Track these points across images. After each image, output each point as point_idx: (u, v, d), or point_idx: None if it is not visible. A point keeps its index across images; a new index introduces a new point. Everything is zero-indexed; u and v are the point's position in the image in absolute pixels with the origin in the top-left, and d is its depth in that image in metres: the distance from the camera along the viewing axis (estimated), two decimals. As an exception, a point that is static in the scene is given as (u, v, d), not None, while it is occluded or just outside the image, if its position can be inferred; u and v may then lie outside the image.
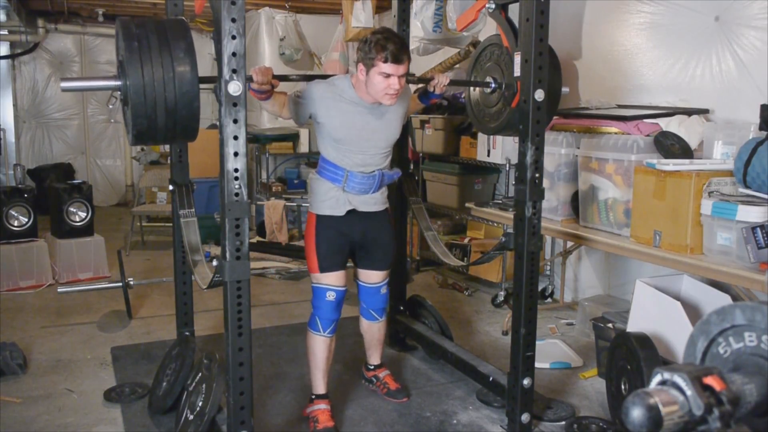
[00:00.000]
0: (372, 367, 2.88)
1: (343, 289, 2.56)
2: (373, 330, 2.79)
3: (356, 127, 2.43)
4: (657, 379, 0.66)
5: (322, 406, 2.56)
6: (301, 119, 2.45)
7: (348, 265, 2.65)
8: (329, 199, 2.51)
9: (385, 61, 2.26)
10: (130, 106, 1.89)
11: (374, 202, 2.56)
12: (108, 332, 3.63)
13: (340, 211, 2.51)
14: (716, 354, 0.76)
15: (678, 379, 0.64)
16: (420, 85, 2.72)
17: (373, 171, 2.50)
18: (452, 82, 2.65)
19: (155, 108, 1.88)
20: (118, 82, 1.94)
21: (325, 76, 2.54)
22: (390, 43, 2.27)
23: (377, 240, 2.63)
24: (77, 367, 3.13)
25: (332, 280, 2.51)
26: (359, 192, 2.51)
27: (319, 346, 2.55)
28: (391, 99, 2.34)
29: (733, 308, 0.74)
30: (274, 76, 2.20)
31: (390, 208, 2.73)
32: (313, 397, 2.60)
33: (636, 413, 0.62)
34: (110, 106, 2.12)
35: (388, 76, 2.28)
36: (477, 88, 2.75)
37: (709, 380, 0.64)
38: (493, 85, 2.58)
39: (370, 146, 2.47)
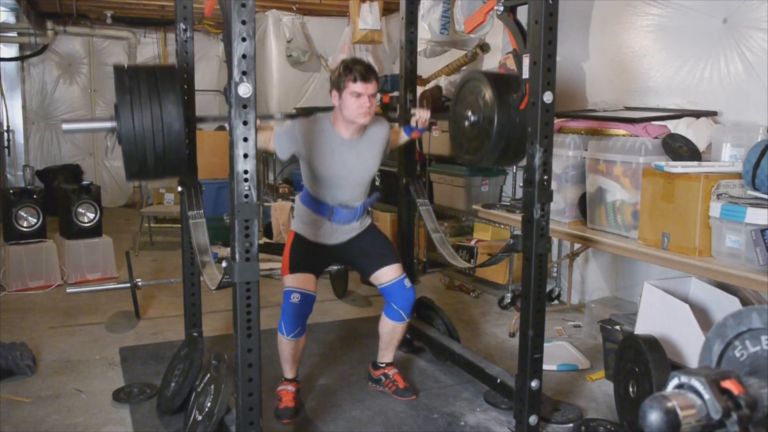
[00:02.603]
0: (382, 365, 2.88)
1: (310, 293, 2.58)
2: (396, 331, 2.80)
3: (336, 166, 2.58)
4: (674, 382, 0.66)
5: (288, 387, 2.68)
6: (285, 155, 2.61)
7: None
8: (316, 228, 2.68)
9: (354, 81, 2.45)
10: (123, 148, 2.10)
11: (357, 228, 2.74)
12: (116, 333, 3.64)
13: (327, 241, 2.69)
14: (732, 357, 0.76)
15: (696, 383, 0.64)
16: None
17: (355, 204, 2.69)
18: (434, 116, 2.83)
19: (145, 152, 2.10)
20: (114, 124, 2.12)
21: (307, 115, 2.68)
22: (357, 65, 2.48)
23: (367, 245, 2.75)
24: (86, 367, 3.14)
25: (298, 282, 2.57)
26: (344, 223, 2.69)
27: (285, 347, 2.63)
28: (365, 117, 2.50)
29: (750, 311, 0.74)
30: (258, 116, 2.28)
31: (373, 222, 2.86)
32: (283, 379, 2.71)
33: (654, 416, 0.63)
34: (108, 144, 2.26)
35: (359, 95, 2.46)
36: (458, 119, 2.81)
37: (727, 384, 0.64)
38: (472, 119, 2.66)
39: (350, 183, 2.64)
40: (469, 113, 2.65)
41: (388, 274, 2.71)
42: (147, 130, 2.07)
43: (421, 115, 2.80)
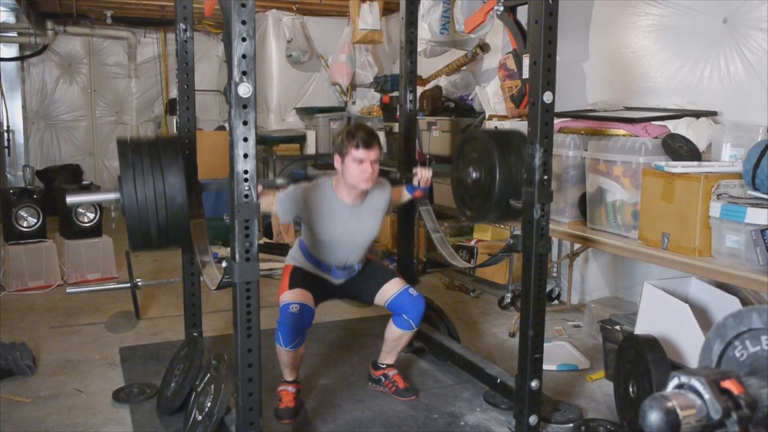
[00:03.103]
0: (383, 366, 2.88)
1: (309, 307, 2.56)
2: (402, 339, 2.81)
3: (337, 230, 2.61)
4: (674, 382, 0.66)
5: (288, 388, 2.68)
6: (287, 218, 2.64)
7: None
8: (313, 271, 2.71)
9: (357, 147, 2.47)
10: (127, 221, 2.14)
11: (357, 270, 2.78)
12: (116, 333, 3.64)
13: (325, 278, 2.74)
14: (732, 357, 0.76)
15: (696, 383, 0.64)
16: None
17: (353, 265, 2.74)
18: (435, 174, 2.86)
19: (148, 225, 2.14)
20: (118, 195, 2.17)
21: (309, 180, 2.73)
22: (360, 132, 2.49)
23: (364, 275, 2.78)
24: (86, 367, 3.14)
25: (297, 296, 2.57)
26: (343, 278, 2.76)
27: (282, 355, 2.62)
28: (367, 183, 2.52)
29: (750, 311, 0.74)
30: (260, 183, 2.30)
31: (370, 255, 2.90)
32: (283, 379, 2.71)
33: (654, 416, 0.63)
34: (113, 215, 2.33)
35: (361, 161, 2.48)
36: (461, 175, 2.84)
37: (727, 384, 0.64)
38: (474, 177, 2.69)
39: (349, 245, 2.66)
40: (471, 171, 2.70)
41: (390, 289, 2.73)
42: (150, 204, 2.11)
43: (423, 175, 2.80)
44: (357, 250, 2.71)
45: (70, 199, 2.26)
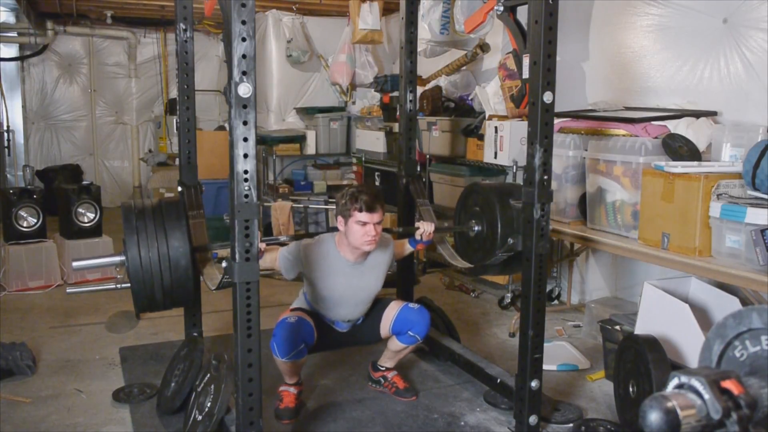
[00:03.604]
0: (382, 368, 2.88)
1: (309, 323, 2.56)
2: (406, 350, 2.81)
3: (340, 288, 2.59)
4: (674, 382, 0.66)
5: (290, 389, 2.67)
6: (290, 275, 2.61)
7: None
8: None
9: (360, 211, 2.46)
10: (131, 285, 2.19)
11: (361, 321, 2.75)
12: (116, 333, 3.64)
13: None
14: (732, 357, 0.76)
15: (696, 383, 0.64)
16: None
17: (357, 318, 2.72)
18: (437, 230, 2.84)
19: (153, 288, 2.18)
20: (123, 258, 2.21)
21: (312, 236, 2.68)
22: (363, 195, 2.48)
23: (366, 319, 2.76)
24: (86, 367, 3.14)
25: (298, 314, 2.58)
26: (346, 330, 2.74)
27: (281, 365, 2.60)
28: (370, 245, 2.50)
29: (750, 311, 0.74)
30: (262, 240, 2.32)
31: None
32: (285, 381, 2.71)
33: (654, 416, 0.63)
34: (117, 277, 2.38)
35: (364, 224, 2.46)
36: (463, 228, 2.88)
37: (727, 384, 0.64)
38: (476, 229, 2.71)
39: (352, 302, 2.65)
40: (473, 224, 2.71)
41: (390, 314, 2.71)
42: (154, 267, 2.14)
43: (425, 229, 2.77)
44: (360, 306, 2.69)
45: (77, 265, 2.28)
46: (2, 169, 7.04)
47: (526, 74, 2.32)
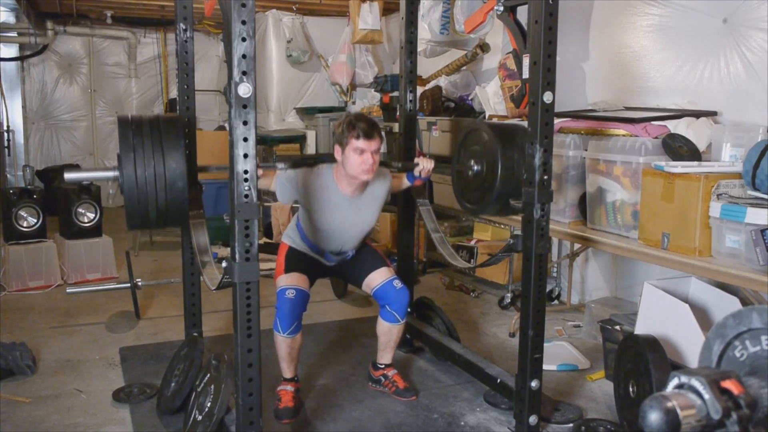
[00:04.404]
0: (381, 366, 2.89)
1: (305, 291, 2.61)
2: (392, 332, 2.81)
3: (335, 220, 2.61)
4: (674, 382, 0.66)
5: (288, 387, 2.68)
6: (286, 200, 2.64)
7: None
8: (308, 253, 2.73)
9: (358, 138, 2.45)
10: (125, 202, 2.10)
11: (351, 256, 2.80)
12: (116, 333, 3.64)
13: (318, 261, 2.76)
14: (732, 357, 0.76)
15: (696, 383, 0.64)
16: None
17: (347, 252, 2.76)
18: (437, 166, 2.84)
19: (147, 207, 2.11)
20: (116, 173, 2.13)
21: (311, 165, 2.67)
22: (360, 122, 2.47)
23: (356, 258, 2.79)
24: (86, 367, 3.14)
25: (294, 280, 2.61)
26: (336, 263, 2.79)
27: (281, 345, 2.63)
28: (368, 174, 2.50)
29: (750, 311, 0.74)
30: (260, 166, 2.27)
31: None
32: (282, 379, 2.71)
33: (654, 416, 0.63)
34: (110, 192, 2.31)
35: (362, 152, 2.46)
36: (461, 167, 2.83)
37: (727, 384, 0.64)
38: (475, 170, 2.67)
39: (346, 235, 2.68)
40: (473, 164, 2.68)
41: (377, 278, 2.74)
42: (150, 186, 2.08)
43: (424, 166, 2.80)
44: (353, 239, 2.72)
45: (68, 176, 2.22)
46: (2, 169, 7.04)
47: (526, 74, 2.32)
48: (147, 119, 2.17)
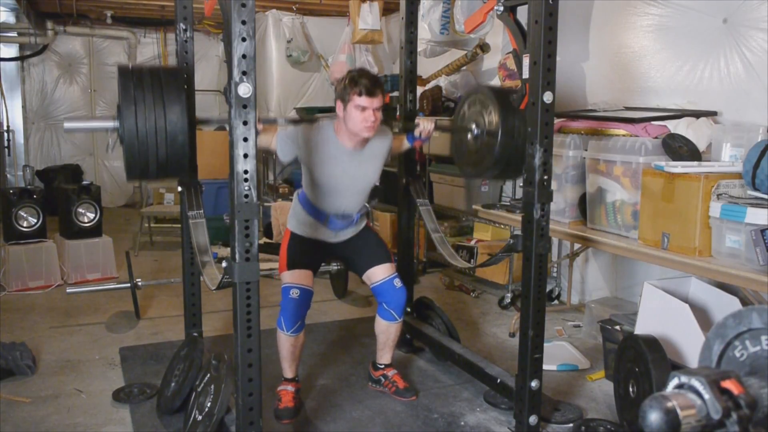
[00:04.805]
0: (381, 366, 2.89)
1: (308, 289, 2.61)
2: (390, 331, 2.80)
3: (337, 175, 2.58)
4: (674, 382, 0.66)
5: (288, 387, 2.68)
6: (286, 158, 2.60)
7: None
8: (311, 229, 2.69)
9: (360, 95, 2.43)
10: (125, 153, 2.08)
11: (353, 231, 2.76)
12: (116, 333, 3.64)
13: (322, 238, 2.71)
14: (732, 357, 0.76)
15: (696, 383, 0.64)
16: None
17: (351, 214, 2.71)
18: (438, 128, 2.83)
19: (147, 158, 2.08)
20: (116, 124, 2.11)
21: (311, 121, 2.71)
22: (363, 78, 2.44)
23: (361, 244, 2.77)
24: (86, 367, 3.14)
25: (297, 278, 2.60)
26: (340, 229, 2.72)
27: (284, 343, 2.64)
28: (369, 131, 2.49)
29: (750, 311, 0.74)
30: (260, 120, 2.28)
31: (369, 222, 2.92)
32: (283, 378, 2.72)
33: (654, 416, 0.63)
34: (109, 142, 2.27)
35: (364, 109, 2.44)
36: (461, 131, 2.82)
37: (727, 384, 0.64)
38: (475, 132, 2.66)
39: (348, 190, 2.64)
40: (473, 127, 2.66)
41: (378, 273, 2.73)
42: (150, 137, 2.05)
43: (425, 126, 2.79)
44: (356, 196, 2.68)
45: (68, 125, 2.22)
46: (2, 169, 7.04)
47: (526, 74, 2.32)
48: (148, 70, 2.15)
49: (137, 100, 2.04)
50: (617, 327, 2.96)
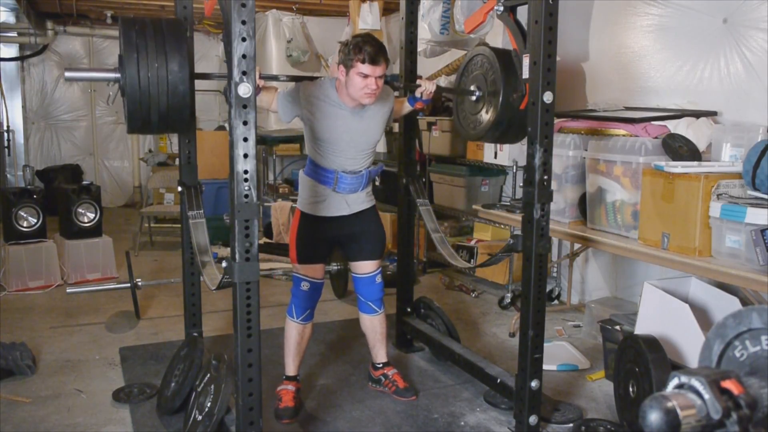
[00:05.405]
0: (380, 365, 2.89)
1: (319, 281, 2.68)
2: (374, 324, 2.82)
3: (339, 130, 2.56)
4: (674, 382, 0.66)
5: (289, 387, 2.69)
6: (288, 117, 2.58)
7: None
8: (321, 201, 2.65)
9: (363, 62, 2.40)
10: (127, 99, 2.07)
11: (362, 200, 2.71)
12: (116, 333, 3.64)
13: (333, 213, 2.66)
14: (732, 357, 0.76)
15: (696, 383, 0.64)
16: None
17: (360, 170, 2.64)
18: (438, 89, 2.79)
19: (149, 110, 2.07)
20: (118, 75, 2.10)
21: (311, 78, 2.67)
22: (368, 46, 2.41)
23: (366, 231, 2.75)
24: (86, 367, 3.14)
25: (308, 272, 2.65)
26: (349, 192, 2.65)
27: (292, 331, 2.67)
28: (369, 98, 2.47)
29: (750, 311, 0.74)
30: (261, 77, 2.27)
31: (376, 205, 2.86)
32: (284, 377, 2.73)
33: (653, 416, 0.63)
34: (110, 93, 2.25)
35: (366, 76, 2.42)
36: (463, 92, 2.83)
37: (727, 384, 0.64)
38: (477, 94, 2.66)
39: (352, 147, 2.60)
40: (474, 88, 2.65)
41: (365, 267, 2.76)
42: (152, 89, 2.04)
43: (426, 87, 2.74)
44: (360, 153, 2.62)
45: (69, 74, 2.21)
46: (2, 169, 7.04)
47: (526, 74, 2.32)
48: (150, 21, 2.14)
49: (139, 50, 2.04)
50: (617, 327, 2.96)
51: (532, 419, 2.42)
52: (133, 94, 2.05)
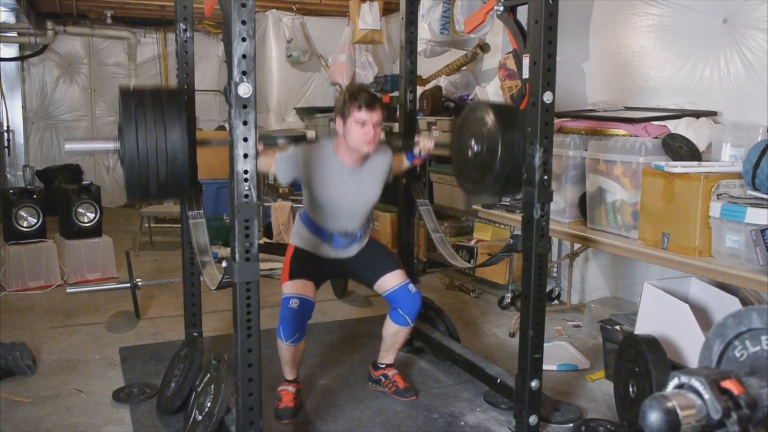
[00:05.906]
0: (382, 366, 2.89)
1: (309, 300, 2.57)
2: (399, 335, 2.80)
3: (338, 193, 2.58)
4: (674, 382, 0.66)
5: (289, 387, 2.69)
6: (287, 179, 2.61)
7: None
8: (316, 247, 2.68)
9: (360, 108, 2.44)
10: (125, 169, 2.10)
11: (358, 247, 2.75)
12: (116, 333, 3.64)
13: (328, 255, 2.70)
14: (732, 357, 0.76)
15: (696, 383, 0.64)
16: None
17: (354, 231, 2.69)
18: (437, 146, 2.82)
19: (148, 179, 2.10)
20: (116, 145, 2.14)
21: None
22: (362, 93, 2.47)
23: (372, 257, 2.77)
24: (86, 367, 3.14)
25: (297, 288, 2.56)
26: (343, 248, 2.71)
27: (283, 350, 2.62)
28: (368, 146, 2.49)
29: (750, 311, 0.74)
30: (260, 139, 2.27)
31: (373, 233, 2.88)
32: (283, 379, 2.72)
33: (654, 416, 0.63)
34: (110, 164, 2.29)
35: (363, 124, 2.45)
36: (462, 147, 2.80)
37: (727, 384, 0.64)
38: (476, 149, 2.64)
39: (350, 210, 2.63)
40: (473, 143, 2.66)
41: (391, 281, 2.72)
42: (151, 159, 2.07)
43: (424, 144, 2.79)
44: (357, 215, 2.67)
45: (69, 146, 2.23)
46: (2, 169, 7.04)
47: (526, 74, 2.32)
48: (149, 90, 2.17)
49: (138, 120, 2.06)
50: (617, 327, 2.96)
51: (532, 419, 2.42)
52: (131, 165, 2.06)
